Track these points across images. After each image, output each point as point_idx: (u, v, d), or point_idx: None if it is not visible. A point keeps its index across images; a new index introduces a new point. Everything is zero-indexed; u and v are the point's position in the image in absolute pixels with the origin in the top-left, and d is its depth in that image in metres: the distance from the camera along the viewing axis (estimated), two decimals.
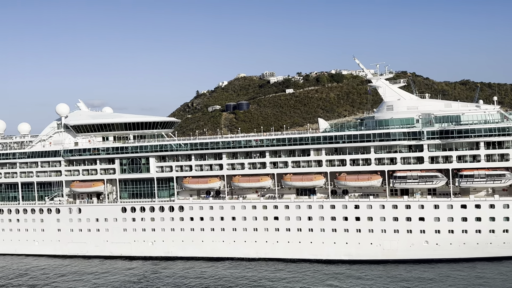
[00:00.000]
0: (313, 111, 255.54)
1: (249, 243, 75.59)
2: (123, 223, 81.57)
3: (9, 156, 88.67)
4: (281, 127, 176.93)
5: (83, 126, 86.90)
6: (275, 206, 74.83)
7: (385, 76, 77.80)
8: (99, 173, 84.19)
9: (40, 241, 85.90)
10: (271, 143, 75.82)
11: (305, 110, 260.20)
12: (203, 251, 77.60)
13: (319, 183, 73.95)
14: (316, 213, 73.01)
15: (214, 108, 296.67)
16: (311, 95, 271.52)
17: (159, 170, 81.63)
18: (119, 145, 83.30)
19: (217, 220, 77.22)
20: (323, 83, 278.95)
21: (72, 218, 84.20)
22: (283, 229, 74.26)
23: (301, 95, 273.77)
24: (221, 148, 78.01)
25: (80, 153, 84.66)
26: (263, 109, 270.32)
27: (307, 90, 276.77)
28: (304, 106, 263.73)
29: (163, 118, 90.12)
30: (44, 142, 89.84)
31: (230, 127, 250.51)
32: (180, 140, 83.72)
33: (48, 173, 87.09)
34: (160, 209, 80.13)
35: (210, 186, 78.63)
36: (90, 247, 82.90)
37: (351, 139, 72.35)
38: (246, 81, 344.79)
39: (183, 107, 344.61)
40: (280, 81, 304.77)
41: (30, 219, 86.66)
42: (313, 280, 63.39)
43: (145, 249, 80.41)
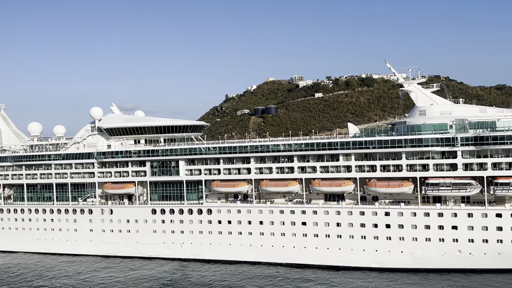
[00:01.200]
0: (342, 115, 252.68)
1: (276, 248, 75.31)
2: (153, 224, 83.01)
3: (44, 158, 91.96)
4: (309, 132, 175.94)
5: (115, 129, 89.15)
6: (303, 211, 74.31)
7: (418, 80, 76.03)
8: (130, 175, 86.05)
9: (73, 241, 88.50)
10: (299, 148, 75.42)
11: (334, 114, 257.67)
12: (230, 255, 77.86)
13: (348, 189, 72.92)
14: (345, 219, 71.99)
15: (242, 112, 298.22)
16: (341, 99, 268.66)
17: (188, 173, 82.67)
18: (150, 148, 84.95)
19: (244, 224, 77.39)
20: (353, 87, 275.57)
21: (104, 218, 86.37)
22: (311, 235, 73.59)
23: (330, 99, 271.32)
24: (249, 152, 78.23)
25: (112, 155, 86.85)
26: (292, 113, 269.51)
27: (337, 94, 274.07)
28: (333, 110, 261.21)
29: (192, 122, 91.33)
30: (78, 144, 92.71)
31: (258, 131, 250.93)
32: (209, 143, 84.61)
33: (82, 174, 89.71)
34: (189, 212, 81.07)
35: (238, 189, 78.96)
36: (121, 248, 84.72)
37: (381, 145, 71.00)
38: (275, 85, 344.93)
39: (212, 111, 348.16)
40: (309, 85, 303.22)
41: (64, 219, 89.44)
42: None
43: (174, 251, 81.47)
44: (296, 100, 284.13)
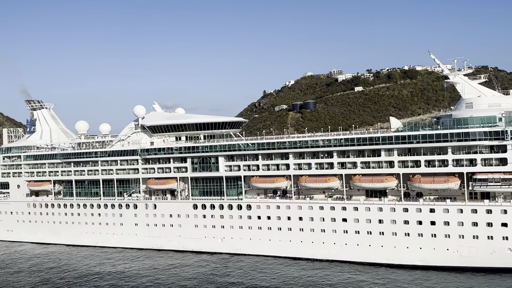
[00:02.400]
0: (384, 109, 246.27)
1: (316, 244, 74.82)
2: (194, 219, 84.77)
3: (91, 155, 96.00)
4: (349, 126, 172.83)
5: (157, 126, 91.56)
6: (344, 208, 73.30)
7: (464, 71, 72.70)
8: (172, 171, 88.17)
9: (119, 234, 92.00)
10: (339, 143, 74.30)
11: (375, 108, 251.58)
12: (270, 250, 78.17)
13: (391, 185, 71.10)
14: (387, 216, 70.34)
15: (280, 107, 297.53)
16: (382, 92, 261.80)
17: (228, 169, 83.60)
18: (190, 145, 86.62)
19: (284, 219, 77.41)
20: (395, 80, 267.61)
21: (148, 213, 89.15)
22: (352, 231, 72.52)
23: (371, 92, 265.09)
24: (288, 148, 77.98)
25: (155, 152, 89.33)
26: (331, 108, 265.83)
27: (378, 88, 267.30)
28: (374, 104, 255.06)
29: (231, 118, 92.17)
30: (123, 141, 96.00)
31: (296, 127, 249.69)
32: (247, 139, 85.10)
33: (127, 170, 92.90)
34: (228, 207, 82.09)
35: (277, 185, 79.00)
36: (164, 241, 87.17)
37: (426, 139, 68.58)
38: (313, 80, 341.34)
39: (250, 107, 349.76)
40: (349, 79, 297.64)
41: (110, 213, 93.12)
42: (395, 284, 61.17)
43: (215, 245, 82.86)
44: (335, 94, 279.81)
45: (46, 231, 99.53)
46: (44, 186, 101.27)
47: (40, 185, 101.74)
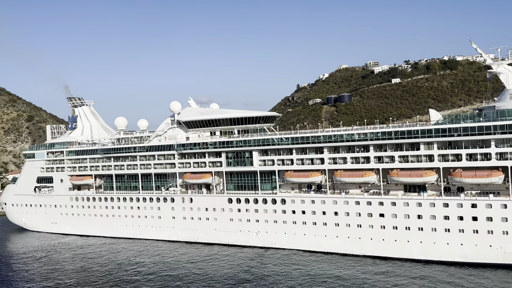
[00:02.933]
0: (422, 101, 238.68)
1: (353, 239, 73.81)
2: (229, 213, 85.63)
3: (130, 150, 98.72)
4: (386, 120, 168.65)
5: (193, 122, 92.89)
6: (381, 203, 71.78)
7: (508, 60, 69.09)
8: (207, 166, 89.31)
9: (157, 227, 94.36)
10: (375, 137, 72.68)
11: (413, 100, 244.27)
12: (305, 244, 77.88)
13: (430, 179, 68.91)
14: (426, 212, 68.30)
15: (314, 101, 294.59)
16: (421, 84, 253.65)
17: (262, 163, 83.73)
18: (224, 140, 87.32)
19: (319, 214, 76.79)
20: (435, 71, 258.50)
21: (184, 207, 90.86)
22: (390, 227, 70.95)
23: (409, 84, 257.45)
24: (322, 142, 77.07)
25: (190, 147, 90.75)
26: (366, 101, 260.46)
27: (416, 79, 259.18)
28: (412, 96, 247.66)
29: (265, 113, 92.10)
30: (160, 137, 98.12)
31: (331, 120, 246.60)
32: (281, 134, 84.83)
33: (164, 165, 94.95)
34: (263, 201, 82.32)
35: (311, 180, 78.36)
36: (201, 234, 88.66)
37: (467, 132, 65.88)
38: (348, 72, 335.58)
39: (283, 101, 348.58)
40: (386, 70, 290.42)
41: (149, 207, 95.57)
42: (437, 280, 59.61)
43: (250, 239, 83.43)
44: (371, 87, 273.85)
45: (88, 223, 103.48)
46: (86, 180, 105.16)
47: (82, 179, 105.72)
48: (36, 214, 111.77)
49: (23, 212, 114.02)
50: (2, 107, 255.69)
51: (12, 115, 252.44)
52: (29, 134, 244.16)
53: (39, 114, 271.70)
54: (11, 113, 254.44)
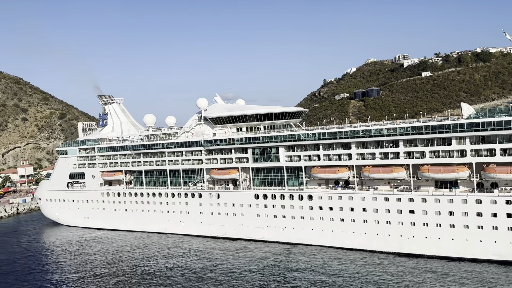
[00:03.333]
0: (454, 95, 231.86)
1: (382, 236, 72.62)
2: (256, 209, 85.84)
3: (159, 146, 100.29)
4: (416, 114, 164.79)
5: (219, 118, 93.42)
6: (411, 199, 70.25)
7: None
8: (234, 162, 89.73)
9: (185, 222, 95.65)
10: (405, 132, 71.05)
11: (444, 94, 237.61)
12: (333, 241, 77.22)
13: (462, 175, 66.90)
14: (458, 208, 66.39)
15: (341, 96, 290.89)
16: (452, 77, 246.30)
17: (288, 159, 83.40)
18: (251, 136, 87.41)
19: (346, 210, 75.92)
20: (467, 64, 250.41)
21: (212, 202, 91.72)
22: (420, 224, 69.40)
23: (439, 77, 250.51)
24: (350, 137, 76.01)
25: (217, 143, 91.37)
26: (396, 95, 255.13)
27: (447, 72, 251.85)
28: (443, 90, 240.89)
29: (291, 109, 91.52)
30: (187, 133, 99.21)
31: (358, 115, 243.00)
32: (308, 130, 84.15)
33: (191, 161, 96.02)
34: (290, 197, 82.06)
35: (339, 176, 77.49)
36: (228, 230, 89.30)
37: (502, 126, 63.47)
38: (377, 66, 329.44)
39: (310, 97, 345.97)
40: (415, 63, 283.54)
41: (177, 202, 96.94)
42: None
43: (277, 235, 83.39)
44: (401, 80, 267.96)
45: (118, 218, 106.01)
46: (116, 176, 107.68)
47: (113, 175, 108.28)
48: (69, 209, 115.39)
49: (56, 207, 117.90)
50: (36, 105, 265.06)
51: (45, 113, 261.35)
52: (61, 131, 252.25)
53: (71, 111, 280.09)
54: (45, 111, 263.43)
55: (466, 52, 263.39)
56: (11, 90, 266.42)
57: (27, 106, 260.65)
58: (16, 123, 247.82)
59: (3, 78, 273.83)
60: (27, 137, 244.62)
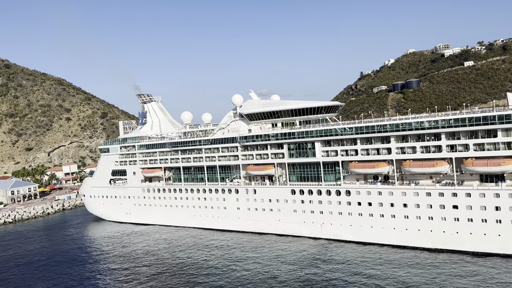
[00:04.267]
0: (499, 85, 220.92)
1: (424, 232, 70.46)
2: (293, 204, 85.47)
3: (196, 143, 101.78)
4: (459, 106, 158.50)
5: (254, 114, 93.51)
6: (454, 194, 67.65)
7: None
8: (270, 158, 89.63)
9: (223, 218, 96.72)
10: (447, 124, 68.39)
11: (488, 84, 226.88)
12: (372, 237, 75.72)
13: (510, 168, 63.66)
14: (506, 203, 63.34)
15: (379, 88, 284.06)
16: (497, 66, 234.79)
17: (325, 154, 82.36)
18: (286, 131, 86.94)
19: (386, 206, 74.15)
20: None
21: (248, 198, 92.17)
22: (464, 219, 66.78)
23: (483, 67, 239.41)
24: (389, 131, 74.03)
25: (253, 139, 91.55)
26: (437, 86, 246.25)
27: (491, 61, 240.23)
28: (487, 79, 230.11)
29: (327, 103, 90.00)
30: (223, 130, 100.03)
31: (398, 108, 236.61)
32: (344, 124, 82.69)
33: (228, 157, 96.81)
34: (327, 193, 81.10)
35: (378, 171, 75.73)
36: (265, 225, 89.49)
37: None
38: (416, 57, 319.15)
39: (346, 90, 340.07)
40: (457, 53, 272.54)
41: (215, 198, 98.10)
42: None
43: (314, 230, 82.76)
44: (442, 71, 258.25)
45: (159, 213, 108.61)
46: (156, 172, 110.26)
47: (153, 172, 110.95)
48: (111, 205, 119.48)
49: (100, 203, 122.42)
50: (78, 105, 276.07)
51: (87, 113, 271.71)
52: (103, 130, 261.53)
53: (112, 111, 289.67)
54: (87, 110, 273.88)
55: (511, 39, 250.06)
56: (55, 91, 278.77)
57: (70, 106, 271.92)
58: (60, 122, 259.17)
59: (48, 80, 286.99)
60: (71, 136, 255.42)
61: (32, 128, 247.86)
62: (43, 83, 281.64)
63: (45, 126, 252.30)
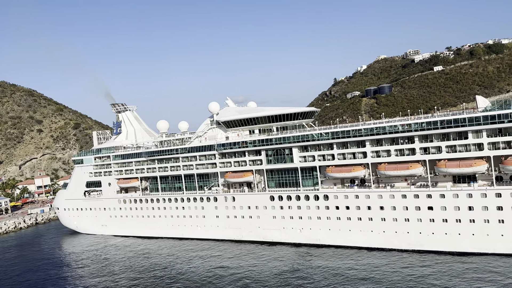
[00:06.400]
0: (467, 88, 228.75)
1: (400, 234, 71.72)
2: (272, 210, 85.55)
3: (173, 152, 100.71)
4: (430, 109, 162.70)
5: (232, 121, 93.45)
6: (429, 195, 69.28)
7: None
8: (248, 164, 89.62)
9: (202, 226, 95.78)
10: (420, 127, 70.15)
11: (457, 88, 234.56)
12: (351, 240, 76.52)
13: (481, 169, 65.74)
14: (478, 203, 65.26)
15: (353, 94, 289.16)
16: (465, 70, 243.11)
17: (302, 160, 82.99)
18: (264, 137, 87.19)
19: (364, 209, 75.18)
20: (479, 56, 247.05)
21: (227, 205, 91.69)
22: (439, 220, 68.38)
23: (452, 71, 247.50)
24: (364, 135, 75.32)
25: (230, 146, 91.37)
26: (408, 91, 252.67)
27: (459, 66, 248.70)
28: (456, 84, 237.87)
29: (303, 109, 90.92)
30: (200, 138, 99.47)
31: (371, 113, 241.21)
32: (321, 129, 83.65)
33: (205, 165, 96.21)
34: (305, 198, 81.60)
35: (354, 174, 76.81)
36: (245, 233, 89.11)
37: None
38: (387, 63, 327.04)
39: (321, 96, 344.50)
40: (427, 58, 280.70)
41: (193, 206, 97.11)
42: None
43: (294, 236, 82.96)
44: (413, 76, 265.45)
45: (136, 225, 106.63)
46: (132, 183, 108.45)
47: (129, 182, 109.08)
48: (86, 217, 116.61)
49: (74, 216, 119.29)
50: (50, 116, 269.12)
51: (60, 124, 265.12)
52: (76, 141, 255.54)
53: (85, 121, 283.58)
54: (59, 121, 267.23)
55: (478, 44, 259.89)
56: (26, 102, 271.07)
57: (42, 118, 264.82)
58: (32, 134, 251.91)
59: (18, 91, 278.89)
60: (43, 148, 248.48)
61: (2, 141, 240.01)
62: (12, 94, 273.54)
63: (15, 139, 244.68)
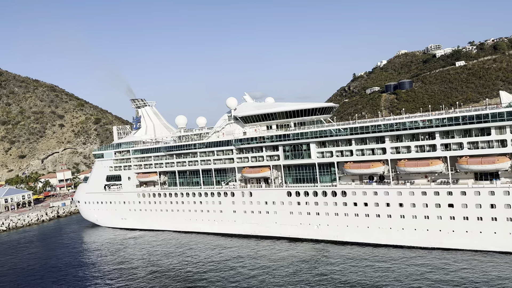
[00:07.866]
0: (491, 84, 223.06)
1: (420, 231, 70.63)
2: (289, 206, 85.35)
3: (191, 147, 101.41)
4: (451, 105, 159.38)
5: (249, 117, 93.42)
6: (449, 193, 67.94)
7: None
8: (265, 160, 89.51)
9: (219, 221, 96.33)
10: (441, 123, 68.71)
11: (480, 83, 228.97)
12: (369, 237, 75.78)
13: (504, 166, 64.10)
14: (500, 200, 63.69)
15: (372, 90, 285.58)
16: (488, 65, 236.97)
17: (320, 155, 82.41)
18: (281, 133, 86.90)
19: (382, 206, 74.29)
20: (503, 51, 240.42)
21: (244, 201, 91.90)
22: (460, 218, 67.04)
23: (475, 66, 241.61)
24: (384, 131, 74.26)
25: (248, 141, 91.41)
26: (429, 87, 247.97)
27: (482, 61, 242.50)
28: (479, 79, 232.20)
29: (321, 104, 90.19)
30: (218, 133, 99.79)
31: (391, 109, 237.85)
32: (339, 125, 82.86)
33: (223, 160, 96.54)
34: (323, 194, 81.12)
35: (373, 171, 75.89)
36: (262, 228, 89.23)
37: None
38: (408, 58, 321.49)
39: (339, 92, 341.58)
40: (448, 53, 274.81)
41: (211, 201, 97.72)
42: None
43: (311, 232, 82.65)
44: (434, 71, 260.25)
45: (154, 218, 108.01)
46: (151, 177, 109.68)
47: (148, 177, 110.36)
48: (106, 210, 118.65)
49: (94, 209, 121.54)
50: (72, 112, 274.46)
51: (81, 119, 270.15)
52: (97, 135, 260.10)
53: (106, 116, 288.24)
54: (80, 116, 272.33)
55: (501, 39, 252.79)
56: (48, 97, 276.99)
57: (64, 113, 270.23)
58: (54, 129, 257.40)
59: (40, 87, 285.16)
60: (65, 143, 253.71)
61: (25, 135, 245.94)
62: (35, 89, 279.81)
63: (38, 133, 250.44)
